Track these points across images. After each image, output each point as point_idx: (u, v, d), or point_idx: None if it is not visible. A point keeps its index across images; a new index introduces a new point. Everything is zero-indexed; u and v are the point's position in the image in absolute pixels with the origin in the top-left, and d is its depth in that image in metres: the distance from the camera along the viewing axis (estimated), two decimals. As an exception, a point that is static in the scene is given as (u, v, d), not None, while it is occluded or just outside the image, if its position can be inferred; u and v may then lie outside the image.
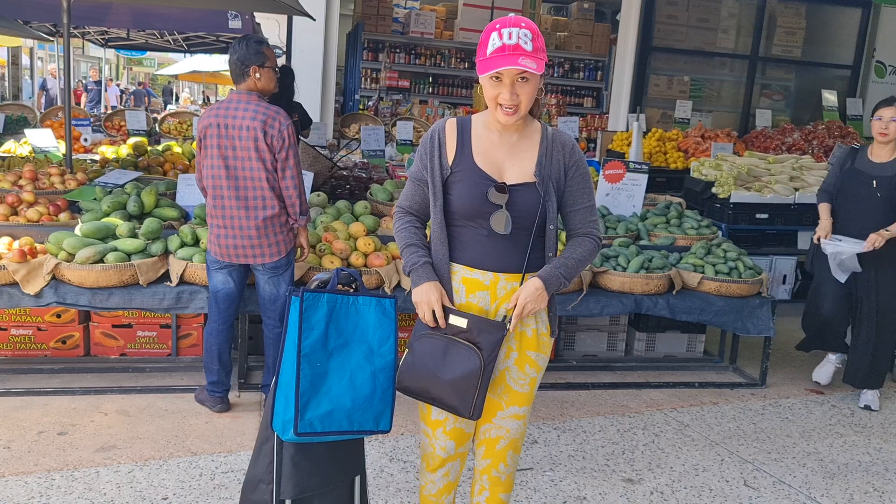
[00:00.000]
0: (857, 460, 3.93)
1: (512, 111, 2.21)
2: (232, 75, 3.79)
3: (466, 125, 2.35)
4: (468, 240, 2.31)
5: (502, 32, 2.14)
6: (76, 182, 5.04)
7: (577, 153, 2.35)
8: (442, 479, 2.48)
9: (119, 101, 20.24)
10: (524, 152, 2.32)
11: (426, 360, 2.23)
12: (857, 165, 4.52)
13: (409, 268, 2.34)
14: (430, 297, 2.26)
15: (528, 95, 2.20)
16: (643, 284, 4.54)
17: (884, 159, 4.45)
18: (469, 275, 2.31)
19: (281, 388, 2.21)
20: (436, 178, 2.31)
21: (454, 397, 2.21)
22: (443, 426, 2.39)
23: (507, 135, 2.32)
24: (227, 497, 3.16)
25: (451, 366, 2.20)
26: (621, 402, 4.48)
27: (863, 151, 4.57)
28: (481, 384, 2.19)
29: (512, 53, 2.12)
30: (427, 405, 2.37)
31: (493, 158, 2.30)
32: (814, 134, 8.40)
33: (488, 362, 2.20)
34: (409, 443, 3.75)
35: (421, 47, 10.98)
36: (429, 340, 2.26)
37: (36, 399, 4.00)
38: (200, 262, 4.03)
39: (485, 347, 2.20)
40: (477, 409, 2.21)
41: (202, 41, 10.17)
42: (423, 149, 2.36)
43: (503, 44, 2.13)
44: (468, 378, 2.18)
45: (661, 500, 3.39)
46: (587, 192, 2.38)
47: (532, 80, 2.18)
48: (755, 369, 5.04)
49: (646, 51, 9.30)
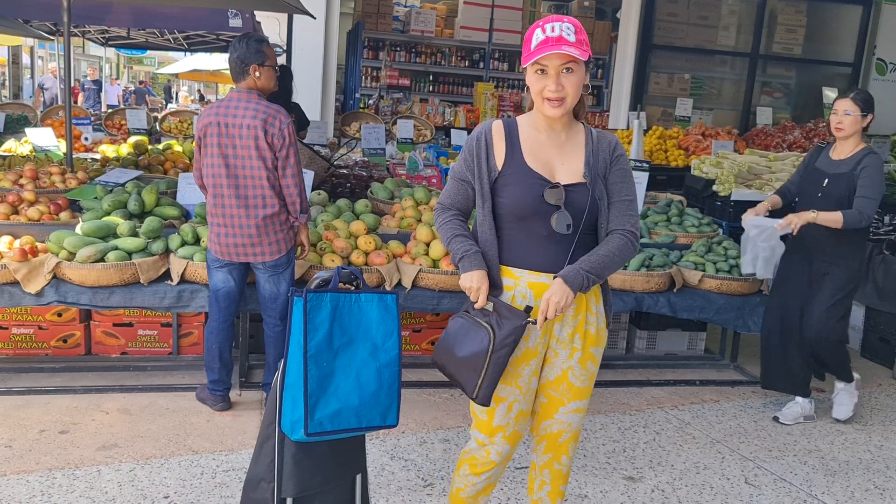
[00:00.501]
0: (858, 458, 3.93)
1: (558, 103, 2.23)
2: (232, 74, 3.79)
3: (513, 127, 2.38)
4: (525, 243, 2.33)
5: (545, 27, 2.20)
6: (77, 181, 5.04)
7: (619, 149, 2.38)
8: (485, 482, 2.50)
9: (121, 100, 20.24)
10: (572, 152, 2.34)
11: (451, 336, 2.30)
12: (817, 164, 4.19)
13: (460, 255, 2.34)
14: (482, 284, 2.28)
15: (573, 86, 2.22)
16: (644, 282, 4.53)
17: (842, 156, 4.10)
18: (536, 279, 2.32)
19: (288, 389, 2.21)
20: (483, 180, 2.33)
21: (462, 375, 2.25)
22: (503, 431, 2.41)
23: (555, 134, 2.34)
24: (229, 495, 3.17)
25: (466, 344, 2.25)
26: (622, 401, 4.48)
27: (827, 149, 4.24)
28: (489, 367, 2.20)
29: (556, 44, 2.16)
30: (487, 413, 2.39)
31: (543, 159, 2.32)
32: (815, 132, 8.39)
33: (499, 346, 2.20)
34: (410, 441, 3.76)
35: (421, 46, 10.98)
36: (459, 320, 2.32)
37: (37, 398, 4.01)
38: (201, 260, 4.03)
39: (499, 332, 2.21)
40: (482, 392, 2.23)
41: (202, 40, 10.17)
42: (469, 150, 2.38)
43: (546, 36, 2.18)
44: (476, 358, 2.21)
45: (662, 497, 3.40)
46: (627, 186, 2.38)
47: (577, 71, 2.21)
48: (756, 367, 5.03)
49: (646, 48, 9.30)
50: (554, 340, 2.38)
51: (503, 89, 11.00)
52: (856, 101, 4.06)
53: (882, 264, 5.21)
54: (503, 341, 2.20)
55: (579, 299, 2.35)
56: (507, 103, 10.28)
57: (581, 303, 2.36)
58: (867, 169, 3.97)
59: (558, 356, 2.39)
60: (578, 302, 2.35)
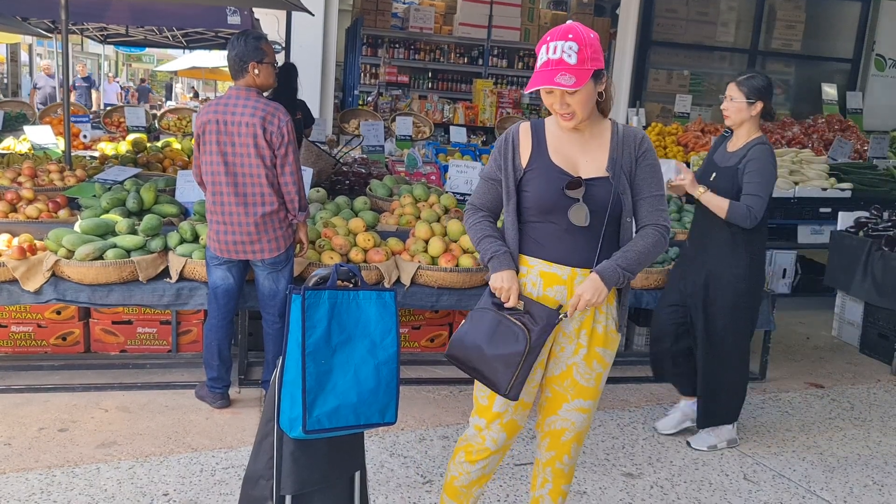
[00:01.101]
0: (857, 454, 3.94)
1: (569, 117, 2.30)
2: (231, 71, 3.78)
3: (540, 127, 2.44)
4: (545, 235, 2.37)
5: (549, 46, 2.21)
6: (75, 179, 5.04)
7: (646, 144, 2.39)
8: (479, 471, 2.51)
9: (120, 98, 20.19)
10: (596, 148, 2.38)
11: (477, 332, 2.31)
12: (714, 155, 3.76)
13: (490, 255, 2.37)
14: (512, 284, 2.31)
15: (579, 104, 2.26)
16: (643, 279, 4.53)
17: (734, 148, 3.65)
18: (547, 269, 2.36)
19: (286, 387, 2.21)
20: (509, 178, 2.39)
21: (495, 373, 2.27)
22: (500, 418, 2.43)
23: (578, 132, 2.39)
24: (228, 493, 3.17)
25: (498, 342, 2.26)
26: (621, 397, 4.48)
27: (729, 139, 3.76)
28: (523, 365, 2.23)
29: (554, 69, 2.18)
30: (488, 398, 2.42)
31: (566, 155, 2.37)
32: (814, 128, 8.39)
33: (535, 345, 2.24)
34: (409, 438, 3.76)
35: (420, 42, 10.97)
36: (485, 314, 2.33)
37: (36, 396, 4.01)
38: (200, 258, 4.03)
39: (534, 330, 2.24)
40: (514, 389, 2.25)
41: (201, 37, 10.15)
42: (498, 150, 2.44)
43: (547, 58, 2.21)
44: (512, 357, 2.24)
45: (661, 494, 3.40)
46: (655, 182, 2.39)
47: (581, 91, 2.23)
48: (755, 363, 5.03)
49: (645, 45, 9.29)
50: (560, 334, 2.40)
51: (502, 86, 11.00)
52: (740, 87, 3.58)
53: (881, 260, 5.21)
54: (538, 340, 2.24)
55: None
56: (506, 100, 10.28)
57: None
58: (752, 162, 3.51)
59: (564, 351, 2.41)
60: None
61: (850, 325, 5.77)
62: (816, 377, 5.03)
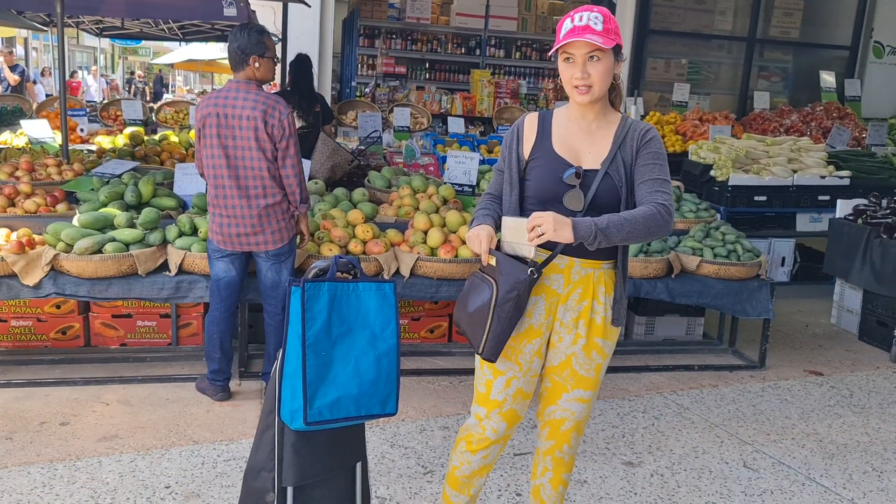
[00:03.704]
0: (856, 441, 3.95)
1: (585, 90, 2.28)
2: (231, 63, 3.77)
3: (548, 117, 2.45)
4: None
5: (574, 17, 2.26)
6: (73, 173, 5.03)
7: (650, 135, 2.37)
8: (480, 461, 2.52)
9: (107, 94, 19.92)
10: (601, 140, 2.37)
11: (463, 295, 2.38)
12: None
13: (473, 222, 2.43)
14: (479, 233, 2.32)
15: (599, 74, 2.26)
16: (642, 268, 4.54)
17: None
18: (542, 255, 2.36)
19: (287, 378, 2.21)
20: (513, 169, 2.42)
21: (472, 330, 2.31)
22: (500, 407, 2.43)
23: (586, 122, 2.39)
24: (230, 485, 3.18)
25: (473, 299, 2.32)
26: (621, 386, 4.49)
27: None
28: (492, 321, 2.23)
29: (581, 32, 2.21)
30: (486, 386, 2.44)
31: (570, 145, 2.37)
32: (812, 115, 8.38)
33: (502, 301, 2.22)
34: (409, 429, 3.77)
35: (417, 33, 10.93)
36: (470, 278, 2.40)
37: (37, 390, 4.01)
38: (199, 251, 4.03)
39: (501, 284, 2.24)
40: (488, 346, 2.26)
41: (197, 29, 10.11)
42: (506, 141, 2.47)
43: (574, 25, 2.23)
44: (481, 311, 2.26)
45: (661, 482, 3.41)
46: (656, 168, 2.34)
47: (604, 59, 2.25)
48: (754, 352, 5.05)
49: (643, 34, 9.26)
50: (558, 324, 2.40)
51: (500, 76, 10.96)
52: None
53: (879, 248, 5.21)
54: (506, 295, 2.22)
55: (587, 285, 2.36)
56: (504, 90, 10.24)
57: (588, 289, 2.37)
58: None
59: (562, 341, 2.41)
60: (585, 288, 2.36)
61: (849, 312, 5.78)
62: (815, 365, 5.04)
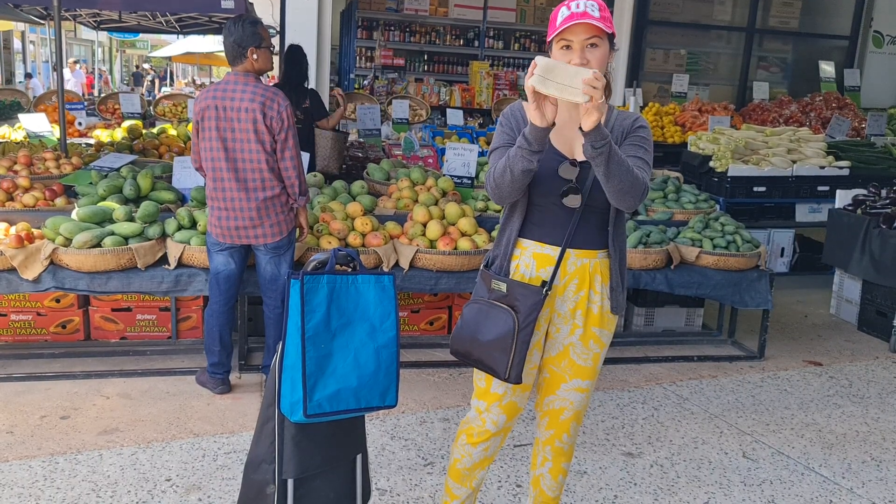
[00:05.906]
0: (855, 430, 3.96)
1: None
2: (228, 56, 3.76)
3: None
4: (540, 216, 2.37)
5: (570, 4, 2.21)
6: (71, 166, 5.02)
7: (638, 123, 2.37)
8: (481, 453, 2.53)
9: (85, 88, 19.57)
10: None
11: (470, 323, 2.34)
12: None
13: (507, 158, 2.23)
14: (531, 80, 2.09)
15: (598, 61, 2.22)
16: (641, 259, 4.54)
17: None
18: (540, 250, 2.36)
19: (286, 371, 2.21)
20: None
21: (493, 359, 2.29)
22: (500, 400, 2.45)
23: (578, 113, 2.33)
24: (230, 477, 3.19)
25: (490, 328, 2.29)
26: (620, 377, 4.50)
27: None
28: (517, 346, 2.25)
29: (580, 17, 2.18)
30: (485, 380, 2.45)
31: (565, 136, 2.35)
32: (811, 106, 8.36)
33: (524, 325, 2.25)
34: (409, 421, 3.78)
35: (415, 25, 10.90)
36: (474, 306, 2.36)
37: (37, 384, 4.02)
38: (198, 244, 4.03)
39: (521, 310, 2.25)
40: (513, 371, 2.27)
41: (195, 22, 10.09)
42: (507, 121, 2.41)
43: (572, 12, 2.19)
44: (504, 339, 2.26)
45: (660, 473, 3.42)
46: (640, 150, 2.33)
47: (601, 46, 2.22)
48: (753, 342, 5.06)
49: (642, 24, 9.22)
50: (555, 315, 2.40)
51: (498, 68, 10.94)
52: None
53: (879, 238, 5.21)
54: (526, 319, 2.25)
55: (583, 276, 2.36)
56: (503, 82, 10.22)
57: (584, 280, 2.37)
58: None
59: (560, 332, 2.42)
60: (581, 278, 2.36)
61: (849, 302, 5.79)
62: (815, 355, 5.05)
